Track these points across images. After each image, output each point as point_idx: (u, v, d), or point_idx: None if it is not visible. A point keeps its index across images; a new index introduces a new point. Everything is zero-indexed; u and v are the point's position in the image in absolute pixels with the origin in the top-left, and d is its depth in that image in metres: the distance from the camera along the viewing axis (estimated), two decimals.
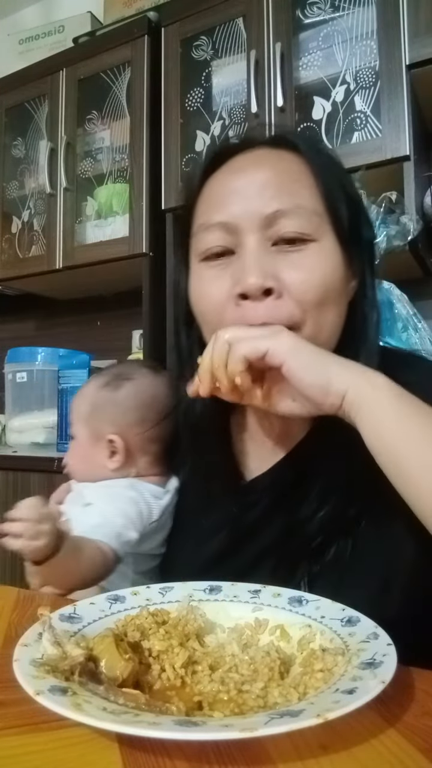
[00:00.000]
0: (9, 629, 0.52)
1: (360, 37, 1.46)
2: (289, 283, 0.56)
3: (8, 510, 0.56)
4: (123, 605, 0.51)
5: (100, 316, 2.23)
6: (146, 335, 1.73)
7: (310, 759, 0.32)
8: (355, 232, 0.61)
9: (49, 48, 2.23)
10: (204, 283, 0.61)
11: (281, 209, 0.57)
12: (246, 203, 0.57)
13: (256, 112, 1.53)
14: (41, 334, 2.38)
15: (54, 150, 1.93)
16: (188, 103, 1.73)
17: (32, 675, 0.37)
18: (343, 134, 1.47)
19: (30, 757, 0.34)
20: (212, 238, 0.59)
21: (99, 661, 0.41)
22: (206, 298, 0.61)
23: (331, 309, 0.58)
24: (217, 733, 0.32)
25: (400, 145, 1.34)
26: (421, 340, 1.25)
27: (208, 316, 0.61)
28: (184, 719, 0.35)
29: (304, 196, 0.58)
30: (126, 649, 0.43)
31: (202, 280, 0.61)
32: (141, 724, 0.32)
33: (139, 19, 1.83)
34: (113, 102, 1.91)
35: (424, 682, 0.42)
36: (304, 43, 1.55)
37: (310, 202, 0.58)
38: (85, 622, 0.47)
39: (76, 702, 0.34)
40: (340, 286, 0.59)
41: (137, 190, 1.76)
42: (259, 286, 0.55)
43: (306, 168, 0.60)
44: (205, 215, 0.61)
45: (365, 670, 0.38)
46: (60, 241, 1.91)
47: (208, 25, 1.68)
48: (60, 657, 0.40)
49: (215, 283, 0.59)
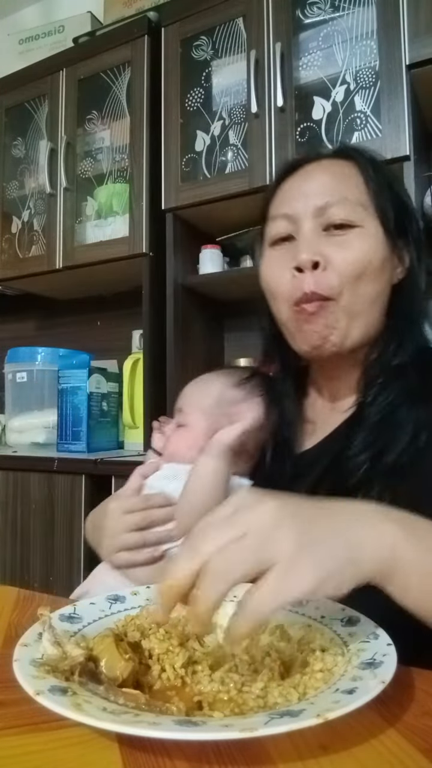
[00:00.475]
0: (9, 629, 0.52)
1: (360, 37, 1.46)
2: (332, 258, 0.68)
3: (8, 510, 0.57)
4: (123, 605, 0.51)
5: (100, 316, 2.23)
6: (146, 335, 1.73)
7: (310, 759, 0.32)
8: (399, 224, 0.72)
9: (49, 48, 2.23)
10: (271, 262, 0.74)
11: (330, 201, 0.69)
12: (305, 199, 0.71)
13: (256, 112, 1.53)
14: (41, 334, 2.38)
15: (54, 150, 1.93)
16: (188, 103, 1.73)
17: (32, 675, 0.37)
18: (343, 134, 1.48)
19: (30, 757, 0.34)
20: (278, 225, 0.73)
21: (99, 661, 0.41)
22: (270, 273, 0.73)
23: (368, 283, 0.68)
24: (217, 733, 0.32)
25: (400, 145, 1.34)
26: None
27: (272, 284, 0.73)
28: (184, 719, 0.35)
29: (351, 191, 0.70)
30: (126, 649, 0.43)
31: (270, 260, 0.74)
32: (141, 724, 0.32)
33: (139, 19, 1.83)
34: (113, 102, 1.91)
35: (424, 682, 0.42)
36: (304, 43, 1.55)
37: (356, 196, 0.70)
38: (85, 622, 0.47)
39: (76, 702, 0.34)
40: (379, 265, 0.69)
41: (137, 190, 1.76)
42: (308, 259, 0.67)
43: (357, 171, 0.72)
44: (274, 209, 0.75)
45: (365, 670, 0.38)
46: (60, 241, 1.91)
47: (208, 25, 1.68)
48: (60, 657, 0.40)
49: (279, 261, 0.72)
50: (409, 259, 0.74)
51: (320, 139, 1.50)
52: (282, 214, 0.73)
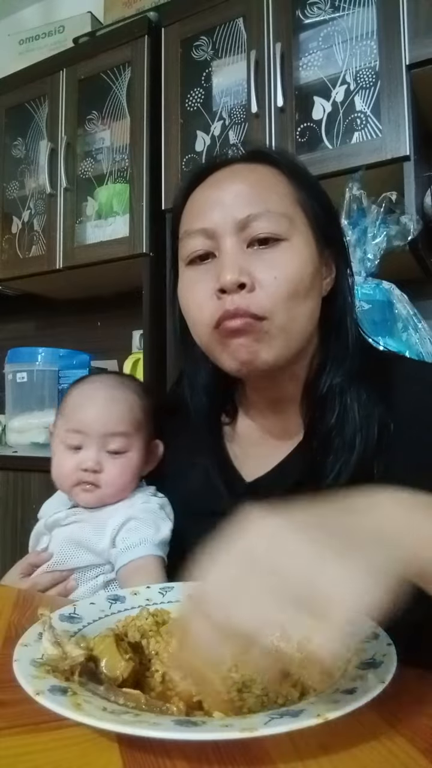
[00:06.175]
0: (9, 629, 0.52)
1: (360, 37, 1.46)
2: (262, 279, 0.61)
3: (8, 510, 0.57)
4: (123, 605, 0.51)
5: (100, 317, 2.23)
6: (146, 335, 1.73)
7: (310, 759, 0.32)
8: (325, 231, 0.67)
9: (49, 48, 2.23)
10: (190, 285, 0.66)
11: (252, 213, 0.62)
12: (223, 211, 0.63)
13: (257, 112, 1.53)
14: (41, 334, 2.38)
15: (54, 150, 1.93)
16: (188, 103, 1.73)
17: (32, 675, 0.37)
18: (343, 134, 1.47)
19: (30, 757, 0.34)
20: (194, 243, 0.65)
21: (99, 661, 0.41)
22: (191, 297, 0.66)
23: (302, 302, 0.63)
24: (217, 733, 0.32)
25: (400, 145, 1.34)
26: (421, 340, 1.25)
27: (192, 310, 0.66)
28: (184, 719, 0.35)
29: (274, 200, 0.64)
30: (126, 649, 0.42)
31: (189, 281, 0.66)
32: (141, 724, 0.32)
33: (139, 20, 1.83)
34: (113, 102, 1.91)
35: (424, 682, 0.42)
36: (304, 43, 1.55)
37: (280, 206, 0.63)
38: (85, 622, 0.47)
39: (76, 702, 0.34)
40: (311, 280, 0.64)
41: (137, 190, 1.76)
42: (234, 281, 0.60)
43: (276, 176, 0.66)
44: (188, 224, 0.67)
45: (365, 670, 0.38)
46: (60, 242, 1.91)
47: (208, 25, 1.68)
48: (60, 657, 0.40)
49: (200, 283, 0.65)
50: (336, 267, 0.69)
51: (320, 139, 1.50)
52: (198, 229, 0.65)
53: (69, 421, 0.74)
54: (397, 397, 0.65)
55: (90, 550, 0.71)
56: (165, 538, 0.70)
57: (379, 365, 0.68)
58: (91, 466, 0.71)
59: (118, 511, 0.72)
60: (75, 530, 0.72)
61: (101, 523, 0.71)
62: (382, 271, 1.26)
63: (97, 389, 0.76)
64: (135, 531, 0.70)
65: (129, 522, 0.71)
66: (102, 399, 0.74)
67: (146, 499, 0.74)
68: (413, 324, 1.25)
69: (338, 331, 0.68)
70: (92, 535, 0.71)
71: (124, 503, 0.73)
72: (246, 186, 0.64)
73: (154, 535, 0.69)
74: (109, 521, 0.71)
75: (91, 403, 0.74)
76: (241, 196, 0.63)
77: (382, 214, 1.26)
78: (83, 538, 0.71)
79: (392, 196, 1.30)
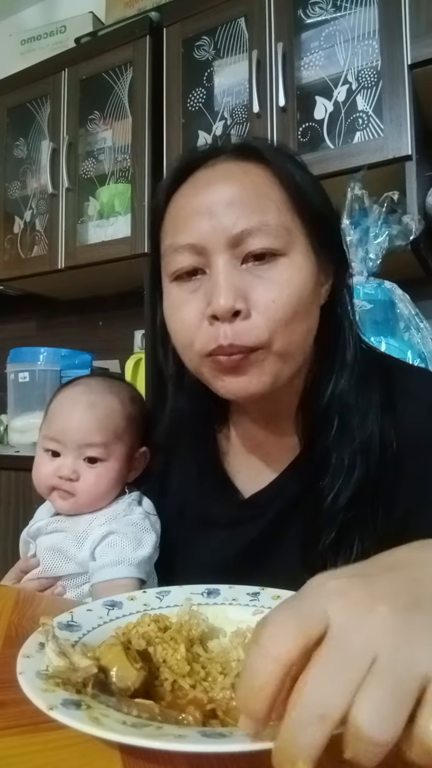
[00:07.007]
0: (9, 629, 0.52)
1: (362, 37, 1.46)
2: (259, 302, 0.56)
3: (10, 509, 0.56)
4: (121, 611, 0.49)
5: (102, 316, 2.23)
6: (148, 335, 1.73)
7: None
8: (324, 237, 0.61)
9: (50, 48, 2.23)
10: (177, 304, 0.60)
11: (247, 228, 0.56)
12: (213, 223, 0.56)
13: (258, 112, 1.53)
14: (43, 334, 2.38)
15: (56, 150, 1.93)
16: (190, 103, 1.73)
17: (41, 688, 0.35)
18: (345, 134, 1.47)
19: (30, 757, 0.33)
20: (181, 259, 0.59)
21: (108, 671, 0.39)
22: (179, 318, 0.60)
23: (301, 323, 0.58)
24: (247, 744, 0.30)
25: (401, 144, 1.34)
26: (423, 340, 1.25)
27: (180, 334, 0.60)
28: (210, 730, 0.34)
29: (270, 211, 0.57)
30: (136, 658, 0.41)
31: (176, 300, 0.60)
32: (167, 737, 0.31)
33: (140, 20, 1.83)
34: (115, 102, 1.91)
35: None
36: (305, 42, 1.55)
37: (277, 217, 0.57)
38: (85, 630, 0.45)
39: (93, 716, 0.33)
40: (310, 298, 0.59)
41: (139, 190, 1.76)
42: (229, 308, 0.54)
43: (272, 179, 0.59)
44: (173, 236, 0.60)
45: None
46: (62, 242, 1.91)
47: (209, 25, 1.68)
48: (68, 668, 0.38)
49: (188, 303, 0.59)
50: (334, 270, 0.63)
51: (322, 138, 1.50)
52: (185, 244, 0.58)
53: (48, 427, 0.73)
54: (399, 414, 0.62)
55: (71, 560, 0.70)
56: (146, 556, 0.68)
57: (381, 376, 0.64)
58: (67, 474, 0.70)
59: (98, 521, 0.70)
60: (57, 540, 0.71)
61: (82, 533, 0.70)
62: (383, 270, 1.26)
63: (78, 396, 0.73)
64: (113, 547, 0.67)
65: (109, 536, 0.68)
66: (81, 407, 0.72)
67: (129, 509, 0.71)
68: (415, 324, 1.25)
69: (337, 338, 0.63)
70: (72, 546, 0.69)
71: (105, 512, 0.71)
72: (238, 190, 0.57)
73: (133, 552, 0.67)
74: (90, 533, 0.69)
75: (69, 411, 0.72)
76: (233, 205, 0.56)
77: (383, 214, 1.25)
78: (64, 548, 0.70)
79: (394, 196, 1.29)
